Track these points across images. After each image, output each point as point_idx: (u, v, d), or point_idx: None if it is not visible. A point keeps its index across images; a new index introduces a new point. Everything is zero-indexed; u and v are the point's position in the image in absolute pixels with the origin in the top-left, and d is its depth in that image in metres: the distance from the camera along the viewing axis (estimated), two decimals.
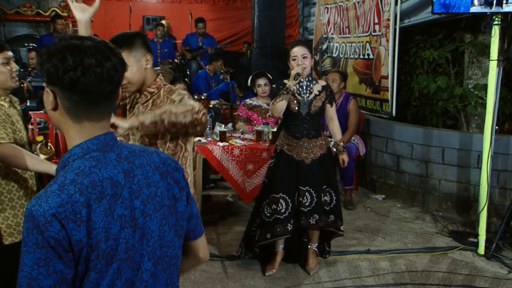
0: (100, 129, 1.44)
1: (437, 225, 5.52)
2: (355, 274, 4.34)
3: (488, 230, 4.83)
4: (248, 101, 5.99)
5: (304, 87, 4.17)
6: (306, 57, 4.09)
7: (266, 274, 4.29)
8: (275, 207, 4.12)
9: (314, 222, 4.14)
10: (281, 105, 4.07)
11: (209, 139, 5.41)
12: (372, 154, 6.69)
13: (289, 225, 4.11)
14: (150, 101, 2.63)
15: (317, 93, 4.19)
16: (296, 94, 4.16)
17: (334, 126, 4.30)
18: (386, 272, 4.38)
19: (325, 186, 4.19)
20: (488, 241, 4.75)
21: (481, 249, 4.74)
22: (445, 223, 5.48)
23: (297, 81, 4.07)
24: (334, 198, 4.22)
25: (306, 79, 4.17)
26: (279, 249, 4.34)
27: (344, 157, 4.39)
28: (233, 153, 5.17)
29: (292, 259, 4.50)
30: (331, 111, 4.27)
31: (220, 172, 5.30)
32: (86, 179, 1.34)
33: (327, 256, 4.49)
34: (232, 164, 5.17)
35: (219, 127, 5.57)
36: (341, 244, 4.94)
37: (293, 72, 4.04)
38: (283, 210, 4.11)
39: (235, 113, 6.63)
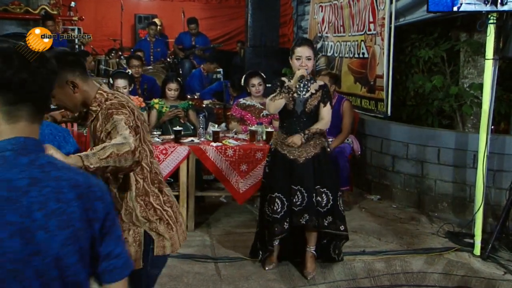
0: (28, 132, 1.41)
1: (433, 226, 5.54)
2: (350, 276, 4.35)
3: (484, 231, 4.84)
4: (242, 100, 5.99)
5: (302, 85, 4.20)
6: (310, 59, 4.13)
7: (266, 269, 4.38)
8: (273, 206, 4.19)
9: (304, 222, 4.18)
10: (279, 103, 4.11)
11: (202, 139, 5.41)
12: (367, 154, 6.71)
13: (285, 223, 4.20)
14: (95, 120, 2.45)
15: (313, 91, 4.22)
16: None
17: (320, 122, 4.24)
18: (382, 274, 4.39)
19: (318, 187, 4.20)
20: (484, 242, 4.77)
21: (477, 250, 4.76)
22: (440, 224, 5.50)
23: (300, 83, 4.14)
24: (331, 198, 4.22)
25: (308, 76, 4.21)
26: (275, 244, 4.39)
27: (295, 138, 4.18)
28: (227, 154, 5.17)
29: (286, 257, 4.54)
30: (324, 112, 4.25)
31: (213, 173, 5.30)
32: None
33: (341, 258, 4.52)
34: (225, 165, 5.17)
35: (212, 127, 5.58)
36: None
37: (298, 73, 4.07)
38: (279, 210, 4.18)
39: (228, 113, 6.62)
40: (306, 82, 4.21)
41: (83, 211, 1.42)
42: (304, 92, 4.20)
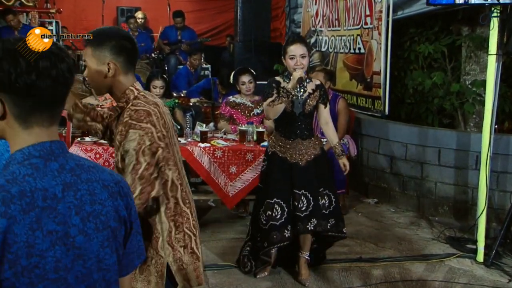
0: (48, 135, 1.42)
1: (433, 231, 5.55)
2: (346, 284, 4.35)
3: (487, 236, 4.86)
4: (231, 98, 5.98)
5: (299, 85, 4.19)
6: (304, 57, 4.11)
7: (257, 277, 4.38)
8: (270, 213, 4.16)
9: (312, 228, 4.17)
10: (279, 107, 4.09)
11: (189, 139, 5.40)
12: (364, 155, 6.72)
13: (286, 231, 4.16)
14: (120, 116, 2.39)
15: (311, 91, 4.24)
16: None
17: (329, 130, 4.32)
18: (379, 282, 4.39)
19: (322, 189, 4.23)
20: (487, 247, 4.79)
21: (480, 256, 4.78)
22: (441, 229, 5.52)
23: (299, 86, 4.12)
24: (333, 200, 4.27)
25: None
26: (272, 252, 4.39)
27: (345, 161, 4.33)
28: (215, 155, 5.16)
29: (282, 264, 4.55)
30: (325, 113, 4.30)
31: (201, 175, 5.28)
32: (15, 187, 1.31)
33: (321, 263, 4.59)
34: (214, 167, 5.15)
35: (200, 127, 5.56)
36: (331, 251, 4.94)
37: (296, 75, 4.02)
38: (278, 216, 4.15)
39: (217, 112, 6.61)
40: (302, 82, 4.20)
41: (116, 209, 1.49)
42: (302, 93, 4.19)
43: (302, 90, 4.17)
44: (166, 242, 2.40)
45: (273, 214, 4.15)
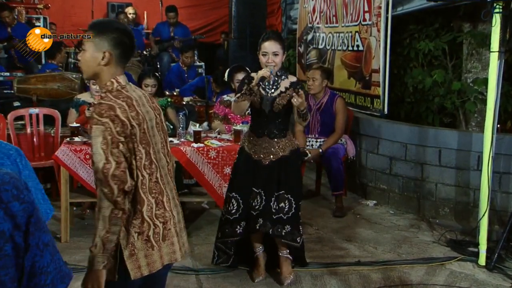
0: None
1: (434, 234, 5.56)
2: None
3: (489, 239, 4.86)
4: (226, 97, 5.97)
5: (271, 81, 4.20)
6: (277, 55, 4.12)
7: (256, 281, 4.38)
8: (227, 206, 4.27)
9: (258, 227, 4.21)
10: (242, 105, 4.16)
11: (183, 139, 5.39)
12: (362, 155, 6.72)
13: (238, 227, 4.26)
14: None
15: (283, 89, 4.22)
16: (260, 89, 4.21)
17: (299, 131, 4.31)
18: (378, 286, 4.39)
19: (282, 192, 4.22)
20: (489, 251, 4.79)
21: (482, 260, 4.78)
22: (442, 231, 5.52)
23: (262, 84, 4.15)
24: (294, 206, 4.24)
25: (275, 73, 4.20)
26: (258, 253, 4.42)
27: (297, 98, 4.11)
28: (209, 155, 5.15)
29: (273, 267, 4.54)
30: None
31: (195, 176, 5.28)
32: None
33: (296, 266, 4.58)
34: (207, 168, 5.15)
35: (193, 127, 5.55)
36: (328, 255, 4.95)
37: (260, 73, 4.07)
38: (233, 211, 4.25)
39: (211, 111, 6.60)
40: (276, 79, 4.21)
41: None
42: (273, 90, 4.21)
43: (273, 87, 4.19)
44: (123, 226, 2.47)
45: (229, 208, 4.25)
